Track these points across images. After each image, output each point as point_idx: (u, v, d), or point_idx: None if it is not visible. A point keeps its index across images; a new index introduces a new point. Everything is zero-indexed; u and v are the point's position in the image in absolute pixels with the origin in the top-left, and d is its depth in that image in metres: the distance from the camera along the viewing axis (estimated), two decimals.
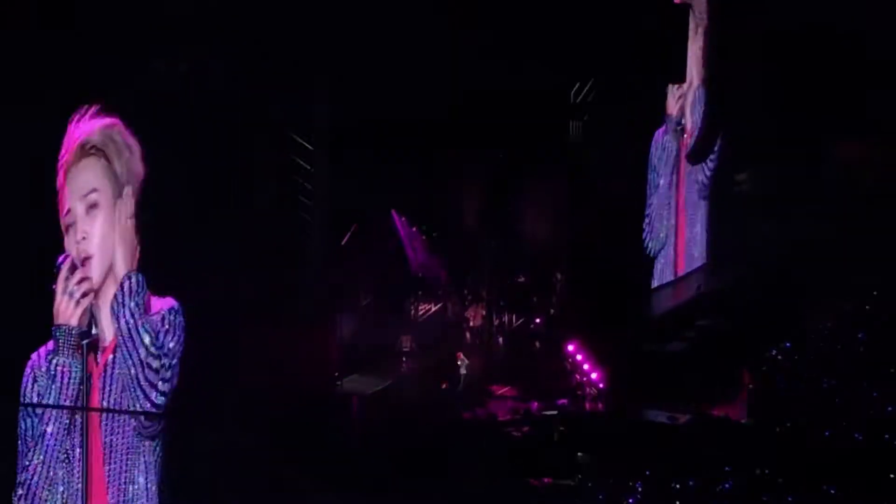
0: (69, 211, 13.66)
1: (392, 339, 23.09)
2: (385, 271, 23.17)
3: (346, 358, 21.02)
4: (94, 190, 13.76)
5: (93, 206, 13.78)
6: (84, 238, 13.68)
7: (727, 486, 18.28)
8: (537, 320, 24.70)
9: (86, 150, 13.63)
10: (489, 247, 24.38)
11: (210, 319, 16.98)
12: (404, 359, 22.77)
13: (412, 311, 24.35)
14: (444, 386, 21.99)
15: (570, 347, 22.96)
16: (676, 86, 27.76)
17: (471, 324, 24.08)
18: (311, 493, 17.76)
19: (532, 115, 23.55)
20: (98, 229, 13.76)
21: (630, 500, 18.21)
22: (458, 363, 22.80)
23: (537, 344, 24.21)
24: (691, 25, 27.99)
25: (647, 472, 18.88)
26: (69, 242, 13.76)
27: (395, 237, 22.90)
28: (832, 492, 17.85)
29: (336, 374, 20.39)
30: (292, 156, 18.65)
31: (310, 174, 18.99)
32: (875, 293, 25.96)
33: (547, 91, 23.79)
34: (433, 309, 24.74)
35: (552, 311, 24.89)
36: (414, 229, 23.15)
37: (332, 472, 18.48)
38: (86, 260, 13.71)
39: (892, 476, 18.42)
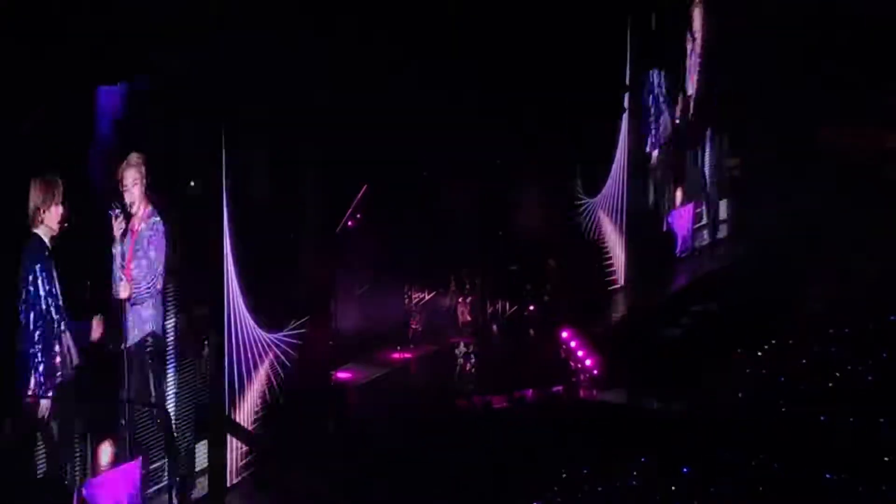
0: None
1: (386, 329, 23.19)
2: (380, 260, 23.19)
3: (343, 347, 21.04)
4: None
5: None
6: None
7: (722, 470, 18.37)
8: (531, 308, 24.73)
9: None
10: (484, 236, 24.41)
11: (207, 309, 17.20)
12: (411, 340, 23.03)
13: (406, 300, 24.38)
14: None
15: (565, 334, 22.97)
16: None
17: (465, 312, 24.04)
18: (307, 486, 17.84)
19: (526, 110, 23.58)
20: None
21: (626, 486, 18.29)
22: (457, 351, 22.89)
23: (531, 331, 24.22)
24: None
25: (643, 459, 18.98)
26: None
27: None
28: (828, 476, 17.94)
29: (332, 363, 20.37)
30: (287, 148, 18.62)
31: (304, 166, 18.97)
32: (870, 279, 26.13)
33: (540, 85, 23.76)
34: (426, 298, 24.79)
35: (546, 298, 24.89)
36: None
37: (327, 462, 18.58)
38: None
39: (886, 459, 18.53)
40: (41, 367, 13.96)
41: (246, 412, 17.90)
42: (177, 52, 15.34)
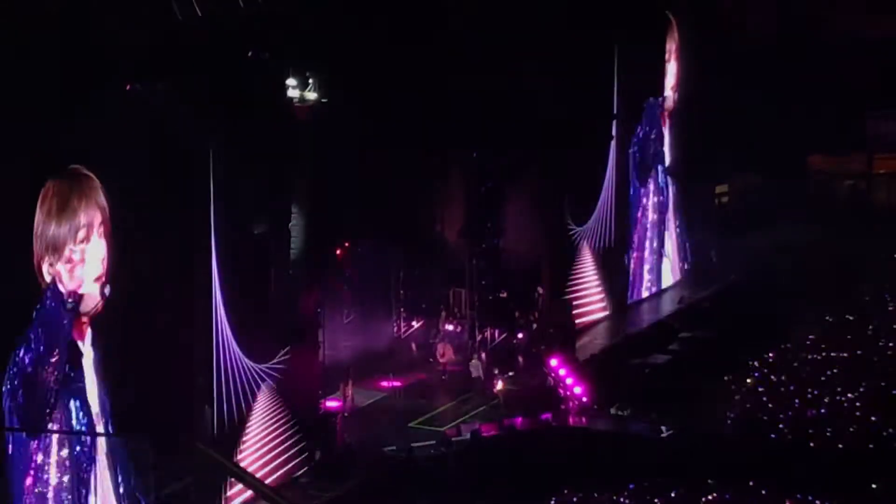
0: None
1: (376, 357, 23.30)
2: (368, 289, 23.31)
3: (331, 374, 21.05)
4: None
5: None
6: None
7: (711, 496, 18.37)
8: (520, 335, 24.76)
9: None
10: (472, 263, 24.51)
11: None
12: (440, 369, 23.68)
13: (395, 328, 24.50)
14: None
15: (553, 362, 22.98)
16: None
17: (447, 353, 24.06)
18: None
19: (514, 136, 23.69)
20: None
21: None
22: (472, 368, 23.00)
23: (520, 359, 24.25)
24: (671, 48, 28.55)
25: (631, 486, 18.98)
26: None
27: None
28: (816, 503, 17.95)
29: (320, 390, 20.37)
30: (279, 178, 18.68)
31: (296, 194, 19.04)
32: (860, 303, 26.20)
33: (528, 110, 23.88)
34: (415, 326, 24.86)
35: (534, 326, 24.92)
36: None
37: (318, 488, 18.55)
38: None
39: (873, 486, 18.55)
40: None
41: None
42: None
